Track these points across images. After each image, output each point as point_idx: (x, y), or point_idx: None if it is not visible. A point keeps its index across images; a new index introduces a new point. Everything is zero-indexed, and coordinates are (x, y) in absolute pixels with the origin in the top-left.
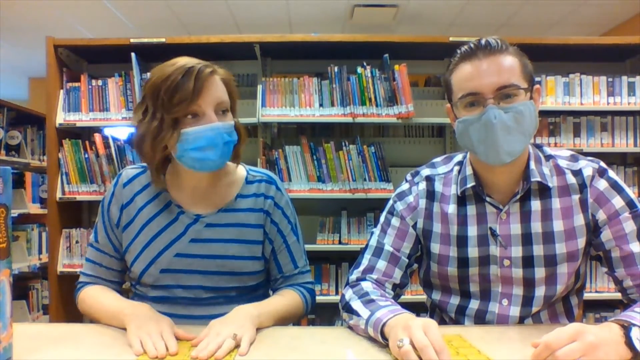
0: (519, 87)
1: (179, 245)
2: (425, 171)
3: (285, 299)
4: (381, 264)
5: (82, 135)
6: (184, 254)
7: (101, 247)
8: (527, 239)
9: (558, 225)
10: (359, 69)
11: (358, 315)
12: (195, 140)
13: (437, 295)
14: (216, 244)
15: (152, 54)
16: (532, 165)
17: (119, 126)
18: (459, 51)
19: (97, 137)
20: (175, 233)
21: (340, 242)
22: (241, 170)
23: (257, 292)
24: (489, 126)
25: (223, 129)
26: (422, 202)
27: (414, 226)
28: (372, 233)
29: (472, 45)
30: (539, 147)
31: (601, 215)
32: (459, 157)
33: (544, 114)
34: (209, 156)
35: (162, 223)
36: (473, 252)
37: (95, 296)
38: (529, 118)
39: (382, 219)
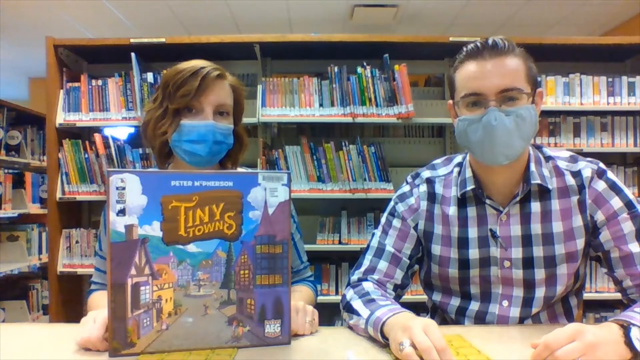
0: (522, 91)
1: None
2: (426, 173)
3: (304, 294)
4: (382, 265)
5: (82, 135)
6: None
7: (106, 254)
8: (527, 240)
9: (557, 227)
10: (359, 69)
11: (358, 314)
12: (190, 132)
13: (437, 297)
14: None
15: (152, 54)
16: (532, 167)
17: (119, 126)
18: (465, 49)
19: (97, 137)
20: None
21: (340, 242)
22: None
23: None
24: (489, 128)
25: (216, 128)
26: (424, 204)
27: (415, 227)
28: (373, 234)
29: (478, 44)
30: (538, 148)
31: (600, 216)
32: (458, 158)
33: (544, 114)
34: (197, 150)
35: None
36: (474, 253)
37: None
38: (530, 122)
39: (383, 220)
